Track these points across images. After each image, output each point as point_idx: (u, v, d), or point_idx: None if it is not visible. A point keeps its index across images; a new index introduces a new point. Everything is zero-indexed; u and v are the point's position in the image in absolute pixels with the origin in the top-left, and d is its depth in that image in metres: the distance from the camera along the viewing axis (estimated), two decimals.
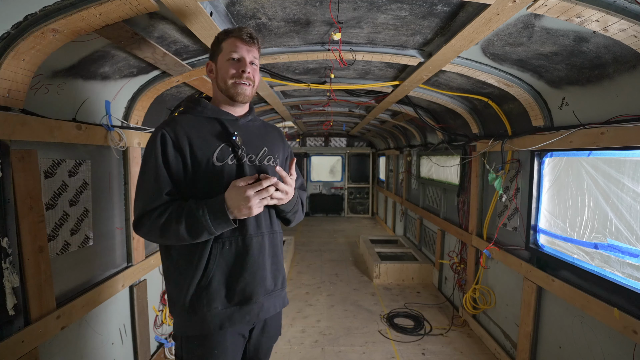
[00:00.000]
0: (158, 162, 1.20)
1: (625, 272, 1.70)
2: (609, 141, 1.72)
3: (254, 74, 1.31)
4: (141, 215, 1.19)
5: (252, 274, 1.26)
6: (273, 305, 1.35)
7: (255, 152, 1.33)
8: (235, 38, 1.27)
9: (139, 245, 2.31)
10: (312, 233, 7.29)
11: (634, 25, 1.25)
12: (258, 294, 1.27)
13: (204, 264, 1.21)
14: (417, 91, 2.88)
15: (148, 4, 1.26)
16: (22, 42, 1.22)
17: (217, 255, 1.22)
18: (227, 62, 1.27)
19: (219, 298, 1.23)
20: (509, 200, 2.67)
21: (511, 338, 2.64)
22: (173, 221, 1.15)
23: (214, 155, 1.24)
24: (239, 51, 1.27)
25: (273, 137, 1.45)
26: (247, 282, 1.25)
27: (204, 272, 1.22)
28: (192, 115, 1.31)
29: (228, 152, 1.26)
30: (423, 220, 4.99)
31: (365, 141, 9.23)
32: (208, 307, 1.22)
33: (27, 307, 1.43)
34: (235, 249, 1.24)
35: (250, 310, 1.27)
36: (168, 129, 1.23)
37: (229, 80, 1.28)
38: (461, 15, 1.56)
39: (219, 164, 1.24)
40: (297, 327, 3.28)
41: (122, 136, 2.04)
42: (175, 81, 2.19)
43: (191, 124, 1.27)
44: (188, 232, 1.14)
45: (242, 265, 1.25)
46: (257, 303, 1.28)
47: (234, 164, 1.27)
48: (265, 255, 1.30)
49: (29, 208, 1.43)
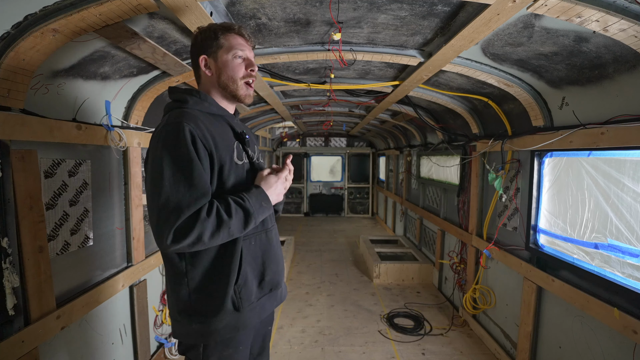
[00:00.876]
0: (193, 159, 1.07)
1: (626, 272, 1.70)
2: (609, 141, 1.72)
3: None
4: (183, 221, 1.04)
5: (277, 262, 1.35)
6: (286, 290, 1.47)
7: (254, 151, 1.37)
8: (236, 34, 1.23)
9: (139, 245, 2.31)
10: (312, 233, 7.29)
11: (634, 25, 1.25)
12: (281, 280, 1.38)
13: (237, 264, 1.19)
14: (417, 91, 2.88)
15: (148, 4, 1.26)
16: (22, 42, 1.22)
17: (247, 254, 1.23)
18: (235, 60, 1.23)
19: (254, 292, 1.25)
20: (509, 200, 2.67)
21: (511, 338, 2.64)
22: (224, 217, 1.08)
23: (235, 155, 1.22)
24: (245, 49, 1.24)
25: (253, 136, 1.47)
26: (274, 271, 1.33)
27: (239, 271, 1.19)
28: (199, 111, 1.22)
29: (241, 151, 1.26)
30: (423, 220, 4.99)
31: (365, 141, 9.23)
32: (248, 302, 1.22)
33: (27, 307, 1.43)
34: (260, 244, 1.29)
35: (276, 294, 1.36)
36: (192, 124, 1.11)
37: (239, 80, 1.24)
38: (461, 15, 1.56)
39: (239, 162, 1.23)
40: (297, 327, 3.27)
41: (122, 136, 2.04)
42: (176, 81, 2.19)
43: (208, 120, 1.20)
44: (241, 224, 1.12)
45: (269, 256, 1.31)
46: (281, 287, 1.39)
47: (247, 163, 1.28)
48: (279, 246, 1.41)
49: (29, 208, 1.43)
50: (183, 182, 1.06)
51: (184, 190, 1.06)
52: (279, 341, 3.01)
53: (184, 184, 1.06)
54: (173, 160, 1.07)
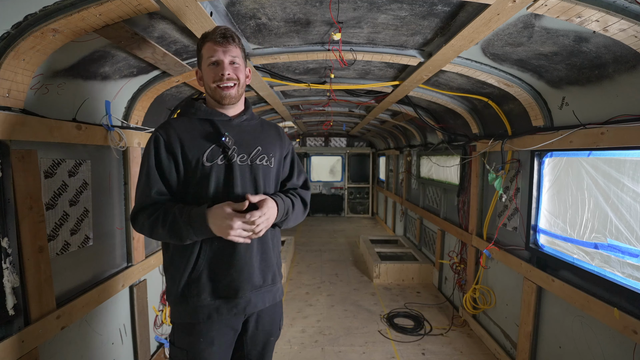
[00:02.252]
0: (150, 164, 1.28)
1: (625, 272, 1.70)
2: (609, 141, 1.72)
3: (237, 72, 1.32)
4: (135, 213, 1.29)
5: (239, 270, 1.31)
6: (261, 300, 1.39)
7: (247, 152, 1.35)
8: (210, 42, 1.29)
9: (139, 245, 2.31)
10: (312, 233, 7.29)
11: (634, 25, 1.25)
12: (244, 289, 1.33)
13: (195, 259, 1.29)
14: (417, 91, 2.88)
15: (148, 4, 1.26)
16: (22, 42, 1.22)
17: (207, 251, 1.30)
18: (209, 68, 1.31)
19: (207, 290, 1.31)
20: (509, 200, 2.67)
21: (511, 338, 2.64)
22: (160, 224, 1.23)
23: (204, 156, 1.29)
24: (216, 54, 1.28)
25: (269, 136, 1.46)
26: (233, 278, 1.31)
27: (194, 265, 1.30)
28: (186, 118, 1.38)
29: (218, 153, 1.30)
30: (423, 220, 4.99)
31: (365, 141, 9.23)
32: (197, 297, 1.30)
33: (27, 307, 1.43)
34: (223, 246, 1.29)
35: (237, 304, 1.33)
36: (162, 131, 1.31)
37: (212, 85, 1.32)
38: (461, 15, 1.56)
39: (208, 164, 1.28)
40: (297, 327, 3.28)
41: (122, 136, 2.04)
42: (175, 81, 2.19)
43: (184, 126, 1.34)
44: (171, 235, 1.23)
45: (229, 262, 1.30)
46: (243, 298, 1.33)
47: (223, 164, 1.30)
48: (253, 253, 1.34)
49: (29, 208, 1.43)
50: (141, 182, 1.31)
51: (139, 189, 1.31)
52: (279, 341, 3.01)
53: (141, 184, 1.31)
54: (140, 167, 1.33)
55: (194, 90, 2.60)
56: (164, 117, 2.66)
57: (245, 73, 1.38)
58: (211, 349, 1.33)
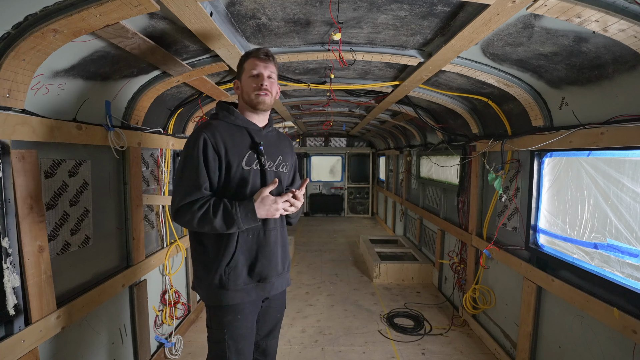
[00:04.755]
0: (199, 160, 1.42)
1: (625, 272, 1.70)
2: (608, 141, 1.72)
3: (271, 86, 1.54)
4: (181, 205, 1.41)
5: (269, 259, 1.55)
6: (280, 284, 1.66)
7: (273, 160, 1.59)
8: (254, 58, 1.51)
9: (139, 246, 2.31)
10: (312, 233, 7.29)
11: (634, 25, 1.25)
12: (271, 275, 1.57)
13: (232, 251, 1.48)
14: (417, 91, 2.88)
15: (148, 4, 1.26)
16: (22, 42, 1.22)
17: (243, 244, 1.50)
18: (250, 79, 1.51)
19: (242, 277, 1.51)
20: (508, 200, 2.67)
21: (511, 338, 2.64)
22: (210, 214, 1.38)
23: (244, 161, 1.48)
24: (257, 68, 1.51)
25: (285, 146, 1.71)
26: (265, 266, 1.54)
27: (232, 257, 1.48)
28: (225, 123, 1.53)
29: (254, 159, 1.52)
30: (423, 220, 4.99)
31: (365, 141, 9.23)
32: (234, 283, 1.49)
33: (28, 307, 1.43)
34: (257, 239, 1.53)
35: (265, 287, 1.58)
36: (209, 133, 1.45)
37: (252, 93, 1.51)
38: (461, 15, 1.56)
39: (247, 168, 1.49)
40: (297, 327, 3.28)
41: (122, 136, 2.04)
42: (175, 81, 2.19)
43: (226, 131, 1.50)
44: (222, 224, 1.39)
45: (262, 252, 1.54)
46: (270, 282, 1.58)
47: (258, 169, 1.52)
48: (278, 245, 1.60)
49: (29, 208, 1.43)
50: (188, 177, 1.43)
51: (187, 184, 1.42)
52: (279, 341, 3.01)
53: (188, 179, 1.42)
54: (186, 160, 1.44)
55: (194, 90, 2.60)
56: (164, 117, 2.67)
57: (277, 88, 1.60)
58: (245, 324, 1.55)
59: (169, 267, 2.77)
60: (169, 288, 2.76)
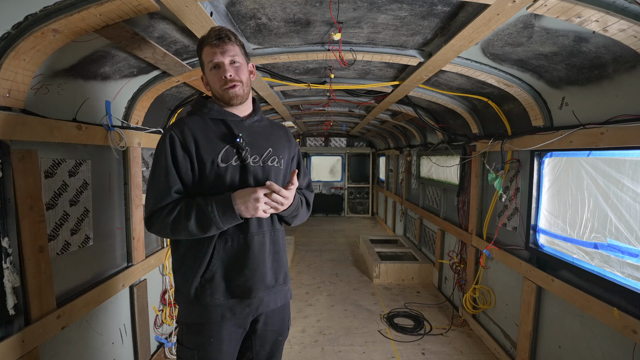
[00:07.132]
0: (167, 162, 1.26)
1: (625, 272, 1.70)
2: (608, 141, 1.72)
3: (238, 72, 1.31)
4: (152, 212, 1.26)
5: (253, 270, 1.32)
6: (273, 300, 1.40)
7: (259, 153, 1.36)
8: (207, 46, 1.28)
9: (139, 245, 2.31)
10: (312, 233, 7.29)
11: (634, 25, 1.25)
12: (258, 289, 1.33)
13: (208, 259, 1.28)
14: (417, 91, 2.88)
15: (148, 4, 1.26)
16: (22, 42, 1.22)
17: (220, 251, 1.29)
18: (211, 72, 1.31)
19: (220, 290, 1.30)
20: (508, 200, 2.67)
21: (511, 338, 2.64)
22: (182, 217, 1.21)
23: (219, 157, 1.29)
24: (215, 57, 1.27)
25: (278, 137, 1.47)
26: (247, 278, 1.31)
27: (207, 266, 1.29)
28: (198, 117, 1.35)
29: (232, 154, 1.31)
30: (423, 220, 4.99)
31: (365, 141, 9.23)
32: (211, 297, 1.29)
33: (28, 307, 1.43)
34: (237, 246, 1.30)
35: (250, 303, 1.33)
36: (176, 130, 1.29)
37: (218, 89, 1.32)
38: (461, 15, 1.56)
39: (223, 165, 1.29)
40: (297, 327, 3.28)
41: (122, 136, 2.04)
42: (176, 81, 2.19)
43: (198, 126, 1.32)
44: (197, 227, 1.21)
45: (244, 261, 1.31)
46: (256, 297, 1.34)
47: (237, 165, 1.31)
48: (266, 253, 1.36)
49: (30, 208, 1.43)
50: (157, 182, 1.27)
51: (156, 188, 1.27)
52: None
53: (157, 183, 1.27)
54: (154, 163, 1.30)
55: (194, 90, 2.60)
56: (164, 117, 2.67)
57: (248, 69, 1.37)
58: (221, 348, 1.33)
59: (169, 267, 2.77)
60: (169, 288, 2.76)
